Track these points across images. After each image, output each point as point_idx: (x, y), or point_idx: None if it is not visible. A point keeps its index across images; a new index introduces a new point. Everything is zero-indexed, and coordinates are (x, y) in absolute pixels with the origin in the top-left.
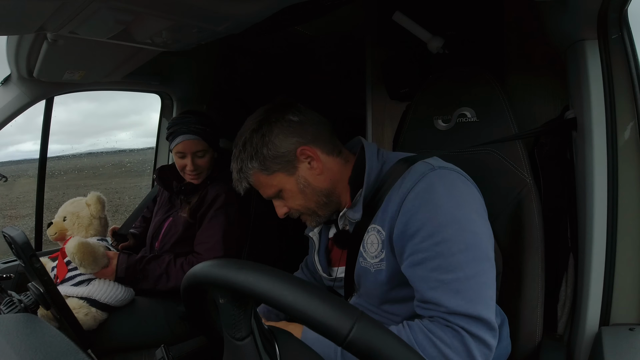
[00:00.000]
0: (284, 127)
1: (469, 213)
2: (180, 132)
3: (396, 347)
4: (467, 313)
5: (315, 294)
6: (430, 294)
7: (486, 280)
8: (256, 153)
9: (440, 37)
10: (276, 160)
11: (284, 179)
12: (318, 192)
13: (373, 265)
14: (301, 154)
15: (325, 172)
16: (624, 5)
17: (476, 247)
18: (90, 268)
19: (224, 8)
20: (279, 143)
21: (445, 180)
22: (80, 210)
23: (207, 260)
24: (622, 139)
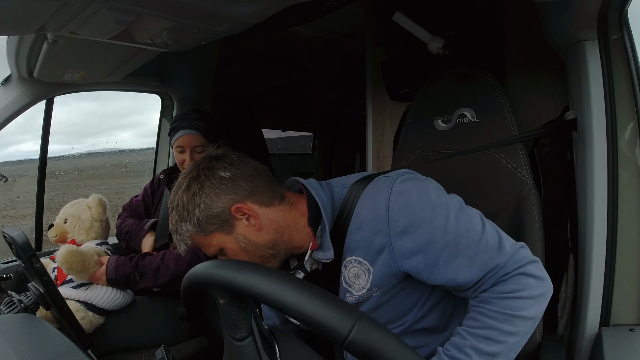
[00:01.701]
0: (215, 185)
1: (449, 198)
2: (181, 127)
3: (396, 347)
4: (498, 267)
5: (315, 295)
6: (469, 276)
7: (500, 235)
8: (189, 215)
9: (440, 38)
10: (211, 220)
11: (222, 238)
12: (261, 246)
13: (363, 296)
14: (236, 211)
15: (265, 226)
16: (624, 5)
17: (471, 218)
18: (80, 276)
19: (224, 9)
20: (211, 203)
21: (411, 184)
22: (81, 213)
23: None
24: (622, 139)
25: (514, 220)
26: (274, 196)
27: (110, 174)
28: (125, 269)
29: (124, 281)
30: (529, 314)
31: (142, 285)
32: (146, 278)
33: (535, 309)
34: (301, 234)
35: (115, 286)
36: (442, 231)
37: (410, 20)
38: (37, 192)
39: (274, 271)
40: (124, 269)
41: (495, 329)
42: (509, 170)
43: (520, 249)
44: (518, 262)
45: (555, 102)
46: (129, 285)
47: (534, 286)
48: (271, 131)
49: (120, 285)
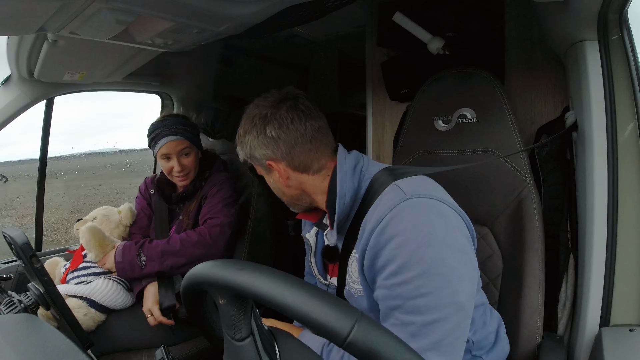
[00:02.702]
0: (260, 138)
1: (438, 252)
2: (162, 135)
3: (397, 347)
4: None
5: (315, 295)
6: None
7: (448, 327)
8: (241, 146)
9: (440, 38)
10: (254, 158)
11: (262, 171)
12: (287, 195)
13: (356, 291)
14: (270, 165)
15: (294, 185)
16: (624, 6)
17: (441, 291)
18: (95, 252)
19: (224, 9)
20: (254, 148)
21: (415, 213)
22: (110, 215)
23: (217, 219)
24: (623, 139)
25: (514, 221)
26: (310, 166)
27: (110, 174)
28: (131, 252)
29: (130, 265)
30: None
31: (148, 269)
32: (152, 262)
33: None
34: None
35: (123, 272)
36: (399, 284)
37: (410, 21)
38: (37, 192)
39: (274, 271)
40: (129, 253)
41: None
42: (509, 171)
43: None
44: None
45: (555, 102)
46: (135, 270)
47: None
48: None
49: (127, 271)
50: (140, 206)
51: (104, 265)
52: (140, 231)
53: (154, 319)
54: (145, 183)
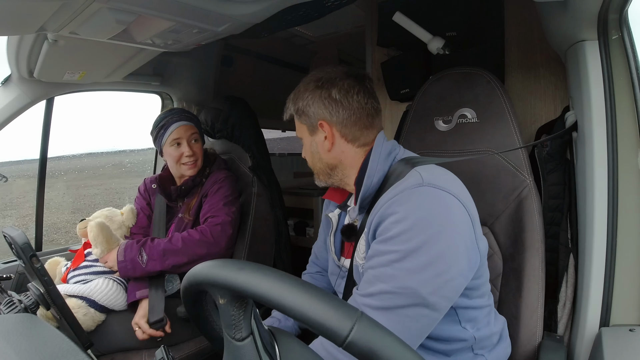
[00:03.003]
0: (323, 97)
1: (426, 240)
2: (173, 121)
3: (397, 347)
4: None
5: (315, 295)
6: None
7: (401, 303)
8: (296, 100)
9: (440, 38)
10: (304, 116)
11: (305, 132)
12: (323, 162)
13: (361, 266)
14: (321, 125)
15: (335, 152)
16: (624, 6)
17: (409, 276)
18: (101, 248)
19: (224, 9)
20: (311, 105)
21: (423, 198)
22: (113, 216)
23: (218, 218)
24: (622, 139)
25: (514, 221)
26: (358, 138)
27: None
28: (132, 251)
29: (132, 264)
30: None
31: (149, 267)
32: (154, 261)
33: None
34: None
35: (125, 271)
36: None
37: (410, 21)
38: (37, 191)
39: (274, 271)
40: (130, 251)
41: None
42: (509, 171)
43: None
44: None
45: (555, 102)
46: (137, 268)
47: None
48: (271, 131)
49: (129, 270)
50: (139, 206)
51: (106, 263)
52: (141, 231)
53: (141, 332)
54: (144, 183)
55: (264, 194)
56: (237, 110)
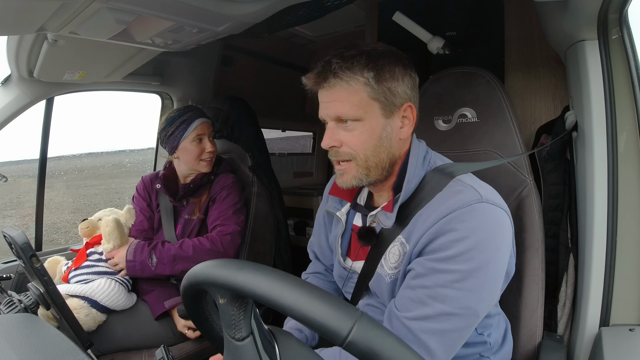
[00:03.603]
0: (410, 76)
1: (487, 260)
2: (195, 117)
3: (396, 347)
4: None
5: (315, 295)
6: (406, 304)
7: (460, 325)
8: (380, 70)
9: (440, 38)
10: (386, 92)
11: (374, 112)
12: (389, 153)
13: (389, 275)
14: (405, 109)
15: (404, 142)
16: (624, 5)
17: (470, 293)
18: (113, 243)
19: (224, 9)
20: (401, 84)
21: (485, 217)
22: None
23: (228, 227)
24: (623, 139)
25: (515, 220)
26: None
27: (110, 174)
28: (143, 253)
29: (140, 265)
30: None
31: (158, 271)
32: (163, 265)
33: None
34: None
35: (133, 271)
36: (440, 271)
37: (410, 20)
38: (37, 191)
39: (274, 271)
40: (141, 253)
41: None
42: (509, 170)
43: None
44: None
45: (555, 102)
46: (145, 270)
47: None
48: (271, 131)
49: (137, 271)
50: (139, 207)
51: (112, 259)
52: (141, 234)
53: (192, 333)
54: (143, 183)
55: (264, 194)
56: (237, 109)
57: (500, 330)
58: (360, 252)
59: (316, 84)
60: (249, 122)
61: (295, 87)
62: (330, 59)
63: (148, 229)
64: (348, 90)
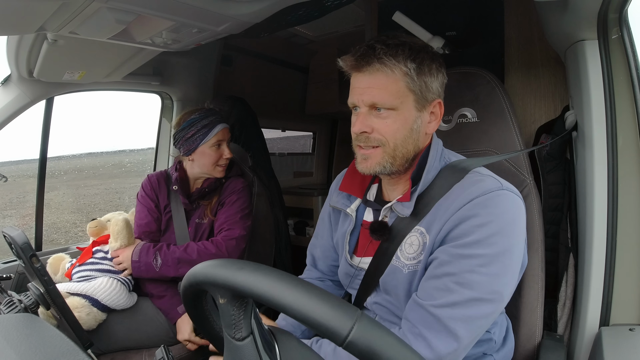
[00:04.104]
0: (445, 77)
1: (510, 245)
2: (217, 122)
3: (396, 346)
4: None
5: (316, 295)
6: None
7: (487, 311)
8: (421, 63)
9: (440, 37)
10: (422, 85)
11: (409, 104)
12: (416, 145)
13: (407, 266)
14: (434, 106)
15: (429, 136)
16: (624, 5)
17: (497, 278)
18: (120, 242)
19: (224, 9)
20: (436, 80)
21: (507, 203)
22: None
23: (234, 231)
24: (622, 139)
25: None
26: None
27: (110, 174)
28: (148, 254)
29: (145, 266)
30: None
31: (162, 272)
32: (167, 267)
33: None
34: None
35: (138, 271)
36: (465, 256)
37: (410, 20)
38: (37, 191)
39: (274, 271)
40: (146, 255)
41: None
42: (509, 170)
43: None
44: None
45: (555, 102)
46: (150, 271)
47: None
48: (271, 131)
49: (142, 272)
50: (146, 208)
51: (116, 259)
52: (149, 236)
53: (193, 345)
54: (149, 181)
55: (264, 194)
56: (237, 109)
57: (503, 328)
58: (369, 248)
59: (355, 67)
60: (249, 122)
61: (295, 87)
62: (373, 44)
63: (155, 231)
64: (389, 77)
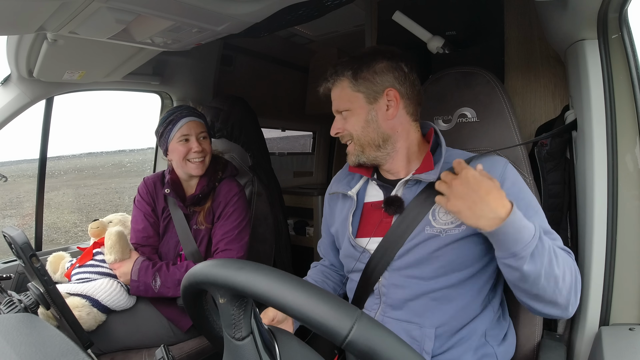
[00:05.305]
0: (392, 68)
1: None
2: (182, 116)
3: (396, 346)
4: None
5: (315, 294)
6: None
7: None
8: (357, 67)
9: (440, 37)
10: (364, 84)
11: (360, 102)
12: (379, 132)
13: (445, 231)
14: (387, 94)
15: (394, 122)
16: (624, 5)
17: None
18: (115, 256)
19: (224, 8)
20: (378, 73)
21: (516, 172)
22: (126, 221)
23: (231, 252)
24: (622, 138)
25: None
26: (413, 114)
27: (110, 174)
28: (147, 275)
29: (144, 286)
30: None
31: (161, 292)
32: (166, 288)
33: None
34: (404, 159)
35: (137, 290)
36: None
37: (409, 20)
38: (37, 191)
39: (274, 270)
40: (145, 275)
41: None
42: None
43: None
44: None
45: (555, 102)
46: (149, 291)
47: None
48: (271, 131)
49: (141, 291)
50: (143, 213)
51: (116, 271)
52: (147, 241)
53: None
54: (145, 185)
55: (264, 194)
56: (237, 109)
57: (503, 323)
58: (379, 228)
59: (324, 89)
60: (248, 122)
61: (295, 87)
62: (327, 69)
63: (153, 235)
64: (337, 88)
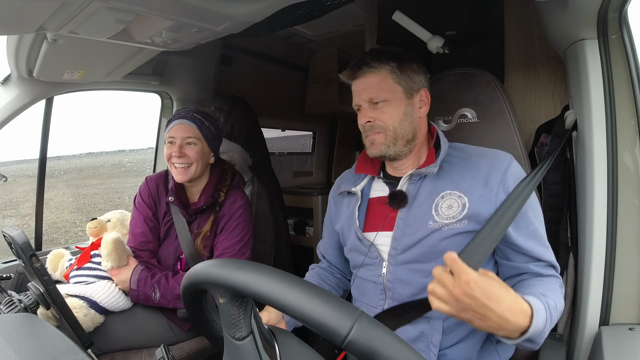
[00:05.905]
0: (423, 71)
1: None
2: (176, 117)
3: (396, 346)
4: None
5: (316, 294)
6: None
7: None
8: (401, 62)
9: (440, 37)
10: (407, 78)
11: (399, 94)
12: (412, 127)
13: (446, 225)
14: (421, 94)
15: (422, 121)
16: (624, 5)
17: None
18: (112, 263)
19: (224, 8)
20: (416, 71)
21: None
22: (125, 220)
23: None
24: (622, 139)
25: None
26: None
27: (110, 174)
28: (147, 286)
29: (144, 296)
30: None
31: (161, 303)
32: (166, 301)
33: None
34: (416, 156)
35: (136, 299)
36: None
37: (409, 20)
38: (37, 191)
39: (274, 270)
40: (144, 286)
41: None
42: None
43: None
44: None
45: (555, 102)
46: (148, 301)
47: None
48: (271, 131)
49: (141, 300)
50: (143, 216)
51: (114, 277)
52: (145, 246)
53: None
54: (147, 187)
55: (264, 193)
56: (237, 109)
57: None
58: (386, 222)
59: (351, 76)
60: (248, 122)
61: (295, 87)
62: (362, 56)
63: (152, 240)
64: (378, 76)
